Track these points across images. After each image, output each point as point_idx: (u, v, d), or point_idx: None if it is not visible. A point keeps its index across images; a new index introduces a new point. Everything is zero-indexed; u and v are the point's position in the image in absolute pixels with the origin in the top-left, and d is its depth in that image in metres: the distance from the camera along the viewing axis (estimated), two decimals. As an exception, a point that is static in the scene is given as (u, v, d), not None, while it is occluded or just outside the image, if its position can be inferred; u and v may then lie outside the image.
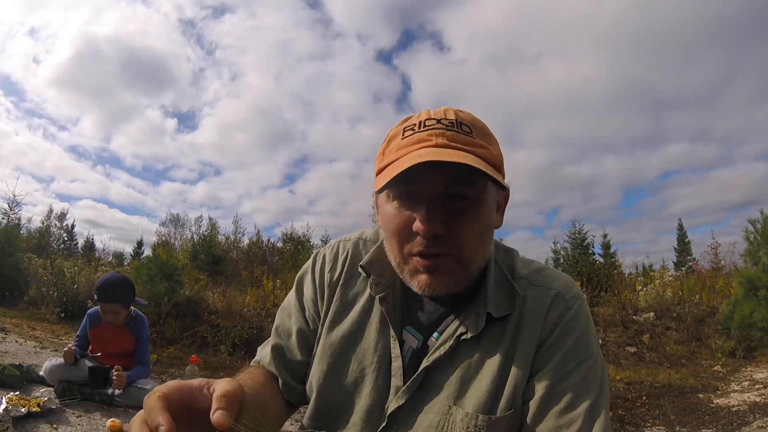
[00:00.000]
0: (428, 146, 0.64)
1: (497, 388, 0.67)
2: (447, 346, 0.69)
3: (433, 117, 0.67)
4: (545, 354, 0.68)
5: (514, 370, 0.67)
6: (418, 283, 0.67)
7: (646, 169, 24.98)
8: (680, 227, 15.91)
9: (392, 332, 0.73)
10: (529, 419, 0.66)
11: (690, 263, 11.20)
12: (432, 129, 0.65)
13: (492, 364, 0.68)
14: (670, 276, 8.27)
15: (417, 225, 0.64)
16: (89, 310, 3.22)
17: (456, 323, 0.70)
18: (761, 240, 6.04)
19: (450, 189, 0.64)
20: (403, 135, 0.68)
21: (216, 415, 0.45)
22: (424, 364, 0.70)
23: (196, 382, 0.51)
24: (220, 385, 0.49)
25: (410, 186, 0.65)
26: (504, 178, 0.70)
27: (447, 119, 0.67)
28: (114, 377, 2.86)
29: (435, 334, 0.72)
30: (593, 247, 10.39)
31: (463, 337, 0.69)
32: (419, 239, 0.65)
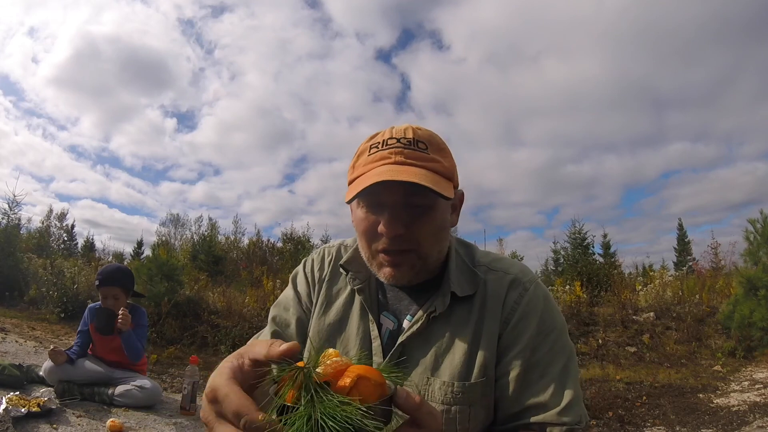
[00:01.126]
0: (388, 163, 0.75)
1: (469, 359, 0.77)
2: (419, 323, 0.79)
3: (394, 136, 0.79)
4: (513, 332, 0.78)
5: (482, 344, 0.77)
6: (384, 274, 0.79)
7: (647, 169, 24.95)
8: (680, 227, 15.90)
9: (370, 317, 0.84)
10: (510, 392, 0.75)
11: (690, 263, 11.20)
12: (392, 148, 0.77)
13: (462, 340, 0.78)
14: (670, 276, 8.27)
15: (381, 228, 0.76)
16: (90, 305, 3.26)
17: (426, 306, 0.81)
18: (761, 240, 6.04)
19: (407, 198, 0.75)
20: (369, 152, 0.79)
21: (285, 346, 0.48)
22: (400, 340, 0.80)
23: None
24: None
25: (375, 196, 0.76)
26: (456, 183, 0.82)
27: (406, 138, 0.78)
28: (120, 317, 2.97)
29: (408, 316, 0.83)
30: (593, 246, 10.42)
31: (432, 315, 0.79)
32: (384, 239, 0.76)
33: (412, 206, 0.76)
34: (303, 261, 0.99)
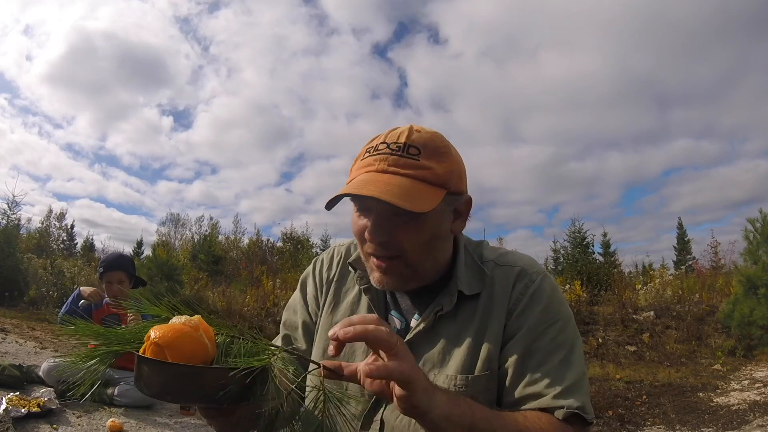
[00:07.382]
0: (370, 171, 0.75)
1: (473, 353, 0.77)
2: (426, 322, 0.80)
3: (386, 141, 0.76)
4: (516, 321, 0.78)
5: (487, 337, 0.77)
6: (373, 279, 0.80)
7: (648, 166, 24.67)
8: (680, 226, 15.87)
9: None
10: (507, 380, 0.75)
11: (690, 262, 11.22)
12: (380, 154, 0.75)
13: (468, 335, 0.78)
14: (670, 275, 8.28)
15: (366, 234, 0.75)
16: (75, 291, 3.23)
17: (433, 304, 0.81)
18: (761, 239, 6.05)
19: (392, 205, 0.71)
20: (363, 156, 0.78)
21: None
22: (407, 338, 0.80)
23: None
24: None
25: (363, 200, 0.75)
26: (454, 189, 0.77)
27: (397, 144, 0.75)
28: (130, 319, 2.79)
29: (416, 315, 0.83)
30: (593, 245, 10.42)
31: (439, 313, 0.79)
32: (370, 244, 0.76)
33: (399, 214, 0.72)
34: (313, 261, 1.00)
